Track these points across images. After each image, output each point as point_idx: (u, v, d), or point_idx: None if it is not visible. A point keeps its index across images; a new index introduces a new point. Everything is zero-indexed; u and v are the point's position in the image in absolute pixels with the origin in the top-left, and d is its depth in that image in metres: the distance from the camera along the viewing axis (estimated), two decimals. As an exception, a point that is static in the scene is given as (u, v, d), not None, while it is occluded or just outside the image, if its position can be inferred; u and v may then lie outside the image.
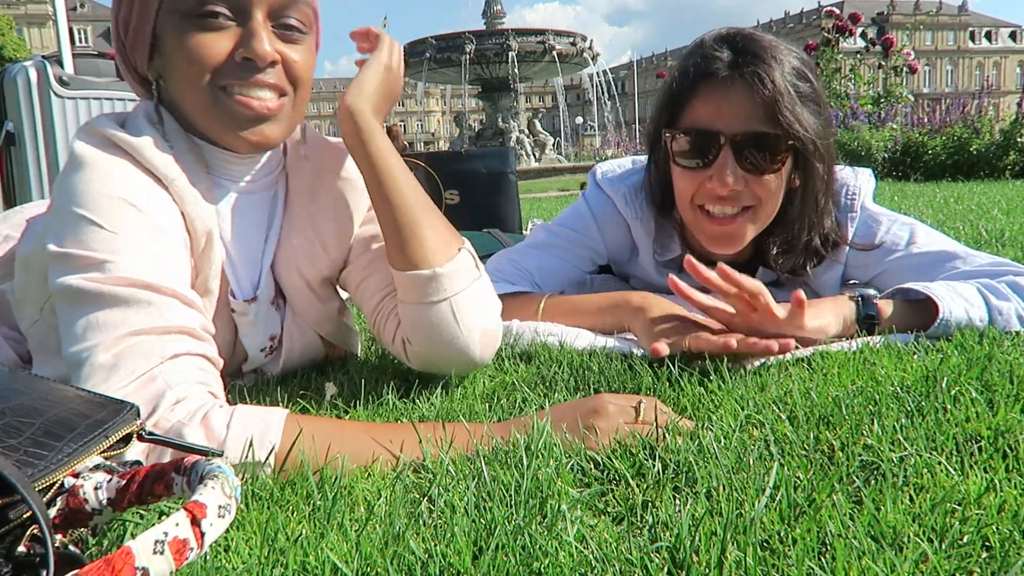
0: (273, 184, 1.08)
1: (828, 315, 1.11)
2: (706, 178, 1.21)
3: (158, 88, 0.97)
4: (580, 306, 1.26)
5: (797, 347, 1.04)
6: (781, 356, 1.03)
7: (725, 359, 1.02)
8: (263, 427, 0.75)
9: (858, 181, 1.33)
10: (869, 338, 1.12)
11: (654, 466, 0.71)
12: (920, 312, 1.15)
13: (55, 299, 0.84)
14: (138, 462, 0.63)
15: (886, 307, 1.16)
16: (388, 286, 1.07)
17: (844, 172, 1.34)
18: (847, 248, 1.31)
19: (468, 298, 0.99)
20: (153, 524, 0.55)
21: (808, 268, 1.31)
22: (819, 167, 1.22)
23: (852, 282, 1.30)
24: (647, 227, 1.39)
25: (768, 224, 1.27)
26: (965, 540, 0.55)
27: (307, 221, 1.08)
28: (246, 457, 0.72)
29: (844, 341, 1.12)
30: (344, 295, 1.20)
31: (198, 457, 0.57)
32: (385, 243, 1.02)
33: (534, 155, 13.31)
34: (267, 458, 0.73)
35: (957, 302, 1.12)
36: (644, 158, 1.43)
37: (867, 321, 1.15)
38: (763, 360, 1.04)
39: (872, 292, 1.19)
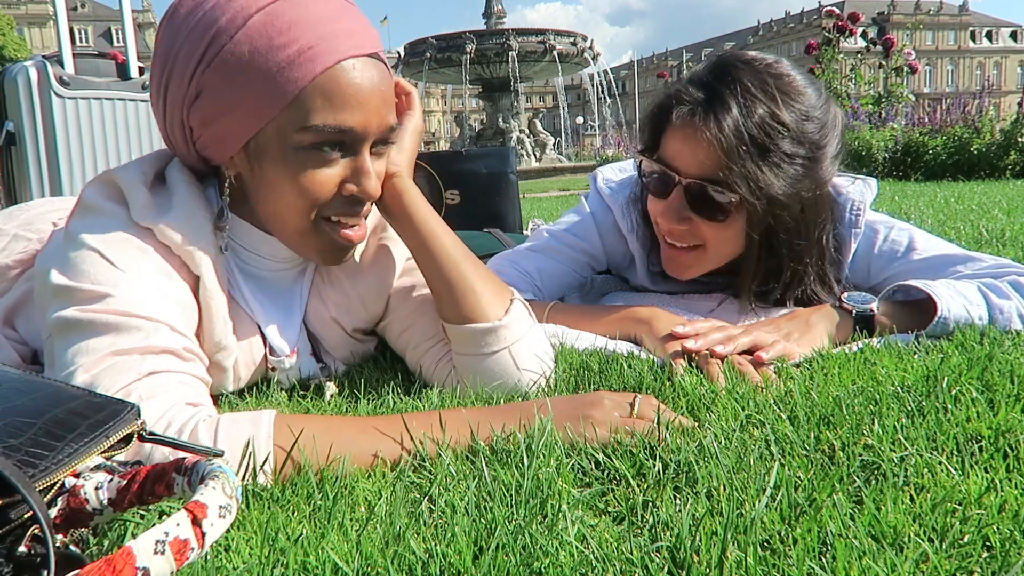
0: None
1: (815, 341, 1.11)
2: (661, 210, 1.22)
3: (231, 185, 0.96)
4: (586, 315, 1.27)
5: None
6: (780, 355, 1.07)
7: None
8: (252, 435, 0.73)
9: (863, 196, 1.31)
10: (870, 339, 1.12)
11: (654, 466, 0.71)
12: (919, 312, 1.14)
13: (51, 332, 0.85)
14: (138, 462, 0.63)
15: (882, 318, 1.16)
16: (434, 336, 1.08)
17: (852, 187, 1.32)
18: (849, 258, 1.31)
19: (526, 344, 1.01)
20: (154, 524, 0.55)
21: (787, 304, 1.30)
22: (784, 223, 1.17)
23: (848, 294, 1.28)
24: (642, 240, 1.39)
25: (731, 262, 1.26)
26: (966, 540, 0.55)
27: (343, 277, 1.09)
28: (242, 468, 0.72)
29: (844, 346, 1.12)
30: None
31: (199, 457, 0.57)
32: (436, 299, 1.03)
33: (535, 155, 13.30)
34: (262, 465, 0.72)
35: (956, 300, 1.12)
36: None
37: (861, 319, 1.15)
38: None
39: (869, 298, 1.19)
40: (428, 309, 1.09)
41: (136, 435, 0.60)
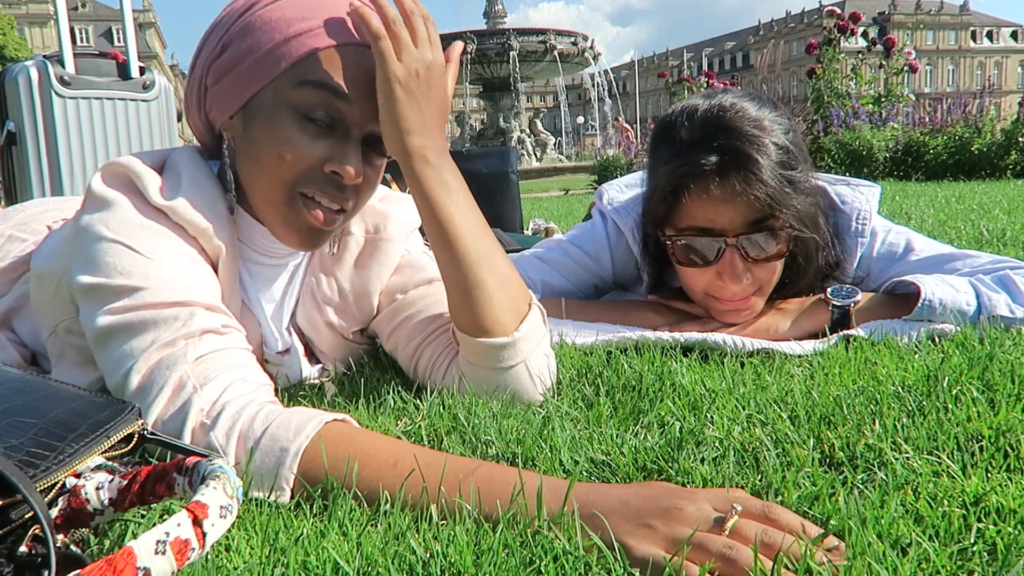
0: (300, 255, 1.08)
1: (777, 317, 1.24)
2: (714, 273, 1.20)
3: (229, 148, 0.95)
4: (604, 308, 1.34)
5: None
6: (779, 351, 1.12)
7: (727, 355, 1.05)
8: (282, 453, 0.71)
9: (869, 204, 1.32)
10: (858, 330, 1.16)
11: (657, 467, 0.71)
12: (909, 304, 1.17)
13: (91, 342, 0.85)
14: (139, 462, 0.64)
15: (862, 299, 1.22)
16: (423, 332, 1.05)
17: (855, 195, 1.33)
18: (854, 265, 1.33)
19: (540, 353, 0.98)
20: (155, 524, 0.55)
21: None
22: (814, 236, 1.23)
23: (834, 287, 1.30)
24: (652, 279, 1.40)
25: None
26: (966, 540, 0.55)
27: (335, 275, 1.08)
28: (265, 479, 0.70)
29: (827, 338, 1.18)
30: None
31: (199, 458, 0.57)
32: (449, 305, 0.97)
33: (535, 155, 13.32)
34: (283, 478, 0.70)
35: (942, 286, 1.16)
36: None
37: (839, 311, 1.21)
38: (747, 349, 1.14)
39: (854, 290, 1.23)
40: (422, 306, 1.07)
41: (137, 435, 0.60)
